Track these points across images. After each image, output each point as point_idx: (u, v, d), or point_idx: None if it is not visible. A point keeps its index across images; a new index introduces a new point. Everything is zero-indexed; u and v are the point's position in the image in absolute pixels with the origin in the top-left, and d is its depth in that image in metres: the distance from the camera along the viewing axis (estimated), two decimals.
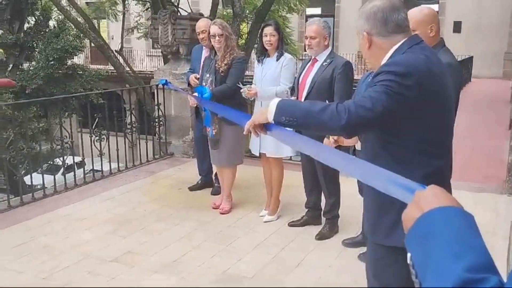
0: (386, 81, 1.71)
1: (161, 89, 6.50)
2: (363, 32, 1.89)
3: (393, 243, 1.82)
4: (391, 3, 1.87)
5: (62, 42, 16.26)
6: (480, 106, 11.60)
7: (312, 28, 3.82)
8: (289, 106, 1.83)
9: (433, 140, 1.82)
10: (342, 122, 1.70)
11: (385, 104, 1.69)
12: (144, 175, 5.92)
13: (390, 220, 1.83)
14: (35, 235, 4.10)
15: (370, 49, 1.89)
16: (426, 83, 1.73)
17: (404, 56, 1.79)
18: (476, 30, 18.99)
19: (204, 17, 5.69)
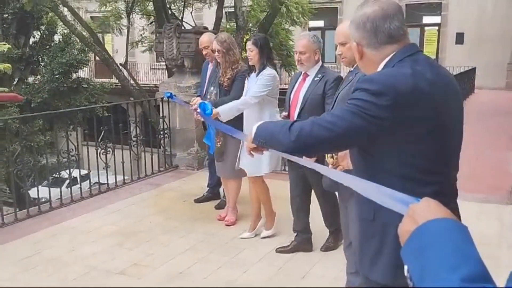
0: (358, 100, 1.56)
1: (166, 102, 6.55)
2: (353, 42, 1.74)
3: (374, 277, 1.72)
4: (383, 10, 1.65)
5: (67, 56, 16.46)
6: (483, 117, 11.58)
7: (302, 43, 3.68)
8: (262, 128, 1.82)
9: (423, 167, 1.61)
10: (291, 139, 1.63)
11: (350, 125, 1.55)
12: (149, 188, 5.95)
13: (372, 251, 1.72)
14: (41, 248, 4.12)
15: (362, 60, 1.74)
16: (407, 103, 1.53)
17: (384, 71, 1.63)
18: (479, 41, 19.03)
19: (208, 31, 5.75)
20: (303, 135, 1.62)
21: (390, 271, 1.64)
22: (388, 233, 1.62)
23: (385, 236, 1.64)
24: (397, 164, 1.60)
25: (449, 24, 19.88)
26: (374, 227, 1.69)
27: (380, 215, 1.65)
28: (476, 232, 4.30)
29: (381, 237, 1.67)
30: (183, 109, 6.66)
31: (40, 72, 17.81)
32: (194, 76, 6.74)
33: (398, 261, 1.66)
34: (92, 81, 18.22)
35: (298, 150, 1.70)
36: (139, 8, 15.58)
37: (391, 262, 1.63)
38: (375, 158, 1.64)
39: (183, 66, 6.70)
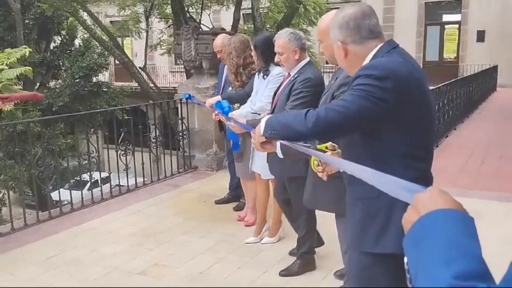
0: (363, 85, 1.70)
1: (185, 103, 6.57)
2: (338, 42, 1.89)
3: (382, 249, 1.80)
4: (362, 10, 1.87)
5: (88, 60, 16.67)
6: (506, 115, 11.39)
7: (278, 42, 3.45)
8: (273, 120, 1.89)
9: (418, 144, 1.80)
10: (309, 126, 1.71)
11: (360, 108, 1.68)
12: (168, 189, 5.97)
13: (378, 227, 1.81)
14: (63, 248, 4.16)
15: (347, 58, 1.89)
16: (406, 87, 1.72)
17: (381, 59, 1.79)
18: (501, 39, 18.70)
19: (224, 32, 5.73)
20: (320, 120, 1.71)
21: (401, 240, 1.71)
22: (394, 207, 1.72)
23: (392, 211, 1.76)
24: (399, 143, 1.76)
25: (470, 22, 19.58)
26: (379, 204, 1.80)
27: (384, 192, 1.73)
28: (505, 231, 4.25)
29: (387, 212, 1.79)
30: (202, 110, 6.68)
31: (61, 76, 18.09)
32: (212, 77, 6.74)
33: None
34: (112, 85, 18.43)
35: (317, 135, 1.82)
36: (157, 12, 15.70)
37: (401, 232, 1.70)
38: (378, 141, 1.77)
39: (201, 67, 6.72)
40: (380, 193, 1.77)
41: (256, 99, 4.04)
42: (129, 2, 15.74)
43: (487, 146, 7.95)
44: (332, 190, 2.51)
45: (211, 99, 4.59)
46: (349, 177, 1.95)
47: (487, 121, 10.64)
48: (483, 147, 7.84)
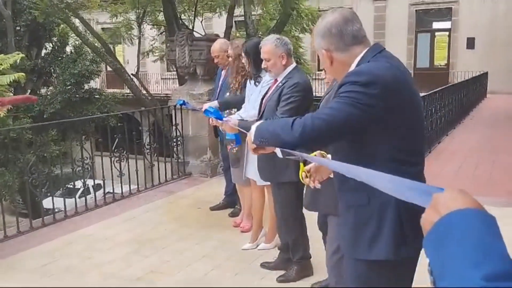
0: (348, 92, 1.68)
1: (179, 110, 6.55)
2: (322, 50, 1.86)
3: (375, 256, 1.79)
4: (343, 16, 1.84)
5: (79, 67, 16.61)
6: (498, 121, 11.49)
7: (264, 48, 3.44)
8: (262, 127, 1.86)
9: (408, 148, 1.79)
10: (296, 135, 1.69)
11: (347, 115, 1.67)
12: (163, 195, 5.93)
13: (370, 233, 1.80)
14: (58, 256, 4.11)
15: (332, 65, 1.87)
16: (393, 91, 1.71)
17: (366, 65, 1.76)
18: (491, 45, 18.91)
19: (219, 38, 5.73)
20: (306, 130, 1.69)
21: (393, 246, 1.76)
22: (385, 214, 1.76)
23: (383, 217, 1.77)
24: (389, 149, 1.75)
25: (460, 29, 19.78)
26: (369, 211, 1.80)
27: (375, 198, 1.77)
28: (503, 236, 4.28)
29: (378, 219, 1.78)
30: (196, 117, 6.66)
31: (52, 83, 18.00)
32: (206, 83, 6.74)
33: (399, 238, 1.76)
34: (104, 92, 18.36)
35: (303, 144, 1.77)
36: (149, 19, 15.69)
37: (393, 239, 1.76)
38: (368, 147, 1.75)
39: (195, 74, 6.70)
40: (370, 200, 1.81)
41: (249, 106, 4.03)
42: (121, 9, 15.72)
43: (479, 152, 8.00)
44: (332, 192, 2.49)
45: (206, 104, 4.58)
46: (338, 184, 1.96)
47: (479, 127, 10.72)
48: (476, 153, 7.89)
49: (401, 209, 1.76)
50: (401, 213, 1.77)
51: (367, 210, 1.80)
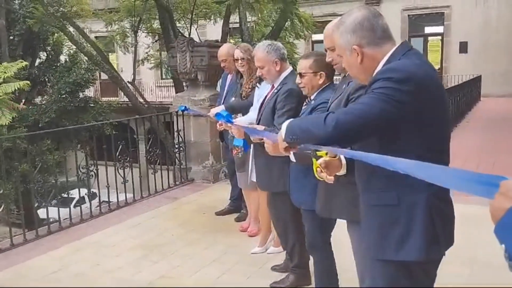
0: (383, 88, 1.67)
1: (180, 116, 6.55)
2: (353, 47, 1.81)
3: (404, 257, 1.76)
4: (371, 11, 1.83)
5: (74, 75, 16.56)
6: (494, 123, 11.58)
7: (256, 56, 3.41)
8: (293, 125, 1.83)
9: (437, 148, 1.78)
10: (329, 129, 1.67)
11: (381, 111, 1.66)
12: (167, 201, 5.92)
13: (398, 234, 1.77)
14: (66, 263, 4.08)
15: (363, 63, 1.82)
16: (425, 89, 1.70)
17: (400, 62, 1.75)
18: (483, 49, 19.10)
19: (226, 43, 5.75)
20: (340, 125, 1.67)
21: (425, 247, 1.74)
22: (415, 214, 1.74)
23: (413, 217, 1.75)
24: (418, 147, 1.71)
25: (452, 34, 19.97)
26: (398, 211, 1.77)
27: (405, 198, 1.75)
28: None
29: (408, 218, 1.76)
30: (198, 122, 6.67)
31: (47, 92, 17.93)
32: (207, 89, 6.75)
33: (430, 238, 1.75)
34: (99, 100, 18.32)
35: (336, 139, 1.72)
36: (145, 26, 15.70)
37: (424, 239, 1.74)
38: (397, 144, 1.72)
39: (196, 80, 6.71)
40: (400, 200, 1.78)
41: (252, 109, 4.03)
42: (116, 18, 15.73)
43: (479, 153, 8.06)
44: (346, 197, 2.46)
45: (214, 109, 4.59)
46: (363, 184, 1.92)
47: (476, 130, 10.79)
48: (476, 155, 7.94)
49: (432, 209, 1.75)
50: (433, 212, 1.75)
51: (396, 210, 1.77)
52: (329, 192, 2.57)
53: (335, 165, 2.04)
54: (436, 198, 1.79)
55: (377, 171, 1.77)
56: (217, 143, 6.65)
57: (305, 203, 2.99)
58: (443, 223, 1.81)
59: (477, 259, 3.79)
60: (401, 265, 1.79)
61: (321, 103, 2.76)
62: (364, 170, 1.87)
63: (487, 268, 3.67)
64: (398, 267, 1.80)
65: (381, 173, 1.76)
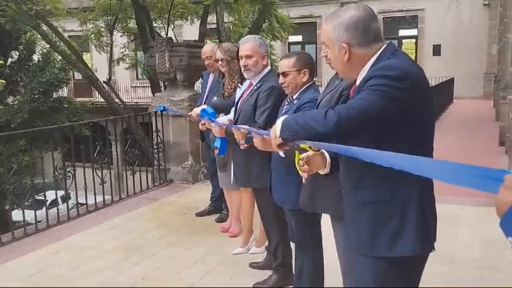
0: (381, 85, 1.69)
1: (160, 116, 6.50)
2: (343, 44, 1.82)
3: (398, 253, 1.77)
4: (368, 12, 1.83)
5: (48, 75, 16.22)
6: (467, 124, 11.83)
7: (247, 46, 3.35)
8: (290, 121, 1.81)
9: (424, 143, 1.81)
10: (331, 125, 1.67)
11: (380, 108, 1.68)
12: (145, 202, 5.85)
13: (391, 229, 1.78)
14: (44, 265, 4.00)
15: (349, 60, 1.84)
16: (418, 87, 1.74)
17: (395, 60, 1.77)
18: (456, 52, 19.50)
19: (209, 42, 5.72)
20: (342, 120, 1.67)
21: (418, 242, 1.77)
22: (408, 210, 1.76)
23: (406, 213, 1.76)
24: (409, 143, 1.72)
25: (426, 36, 20.33)
26: (391, 207, 1.79)
27: (397, 194, 1.77)
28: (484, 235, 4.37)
29: (401, 215, 1.77)
30: (177, 123, 6.62)
31: (20, 92, 17.52)
32: (186, 89, 6.71)
33: (423, 233, 1.77)
34: (73, 100, 17.99)
35: (338, 135, 1.73)
36: (120, 26, 15.51)
37: (417, 234, 1.77)
38: (388, 143, 1.69)
39: (175, 80, 6.66)
40: (393, 196, 1.79)
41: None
42: (91, 17, 15.50)
43: (454, 153, 8.20)
44: (332, 191, 2.46)
45: (196, 108, 4.56)
46: (353, 181, 1.91)
47: (450, 131, 10.99)
48: (451, 154, 8.08)
49: (424, 205, 1.78)
50: (424, 209, 1.78)
51: (388, 206, 1.78)
52: (314, 187, 2.56)
53: (317, 161, 2.02)
54: (427, 194, 1.82)
55: (370, 168, 1.77)
56: (196, 143, 6.62)
57: (288, 202, 3.00)
58: (433, 219, 1.85)
59: (454, 259, 3.84)
60: (393, 262, 1.80)
61: (307, 102, 2.77)
62: (356, 167, 1.86)
63: (464, 267, 3.74)
64: (389, 264, 1.81)
65: (374, 170, 1.76)
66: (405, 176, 1.76)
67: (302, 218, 2.98)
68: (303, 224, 3.01)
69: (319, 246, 3.09)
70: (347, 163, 1.94)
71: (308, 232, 3.04)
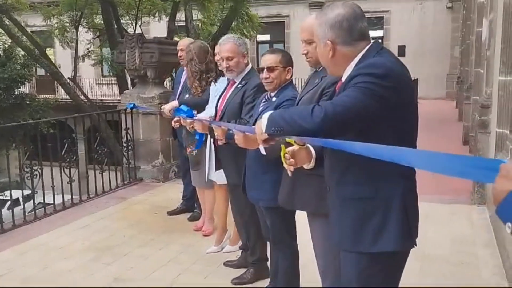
0: (365, 83, 1.71)
1: (129, 114, 6.39)
2: (326, 41, 1.85)
3: (381, 248, 1.80)
4: (354, 11, 1.84)
5: (9, 71, 15.74)
6: (432, 124, 12.08)
7: (226, 47, 3.36)
8: (275, 116, 1.81)
9: (409, 144, 1.81)
10: (317, 121, 1.68)
11: (365, 105, 1.69)
12: (115, 201, 5.75)
13: (375, 225, 1.81)
14: (12, 266, 3.87)
15: (334, 57, 1.86)
16: (403, 85, 1.77)
17: (380, 59, 1.79)
18: (420, 53, 19.92)
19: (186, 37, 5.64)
20: (328, 116, 1.68)
21: (401, 237, 1.81)
22: (392, 206, 1.79)
23: (389, 209, 1.79)
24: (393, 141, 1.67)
25: (392, 38, 20.68)
26: (375, 203, 1.81)
27: (381, 191, 1.80)
28: (452, 232, 4.48)
29: (385, 210, 1.80)
30: (147, 120, 6.53)
31: None
32: (157, 86, 6.62)
33: (405, 228, 1.81)
34: (36, 97, 17.51)
35: (324, 131, 1.72)
36: (86, 21, 15.17)
37: (401, 230, 1.81)
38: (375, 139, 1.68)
39: (146, 77, 6.56)
40: (378, 192, 1.81)
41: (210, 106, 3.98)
42: (55, 12, 15.11)
43: None
44: (312, 189, 2.46)
45: (167, 105, 4.50)
46: (337, 177, 1.92)
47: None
48: None
49: (406, 202, 1.81)
50: (407, 206, 1.81)
51: (373, 202, 1.81)
52: (294, 184, 2.56)
53: (302, 155, 2.03)
54: (410, 191, 1.85)
55: (354, 165, 1.81)
56: (167, 141, 6.55)
57: (263, 200, 2.99)
58: (415, 216, 1.89)
59: (425, 255, 3.92)
60: (376, 257, 1.83)
61: (286, 100, 2.77)
62: (340, 163, 1.88)
63: (434, 263, 3.82)
64: (372, 259, 1.84)
65: (358, 167, 1.80)
66: (389, 173, 1.80)
67: (277, 216, 2.98)
68: (279, 222, 3.02)
69: (294, 243, 3.10)
70: (331, 159, 1.95)
71: (284, 230, 3.05)
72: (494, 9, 5.27)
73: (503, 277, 3.53)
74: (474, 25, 9.31)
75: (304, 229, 2.74)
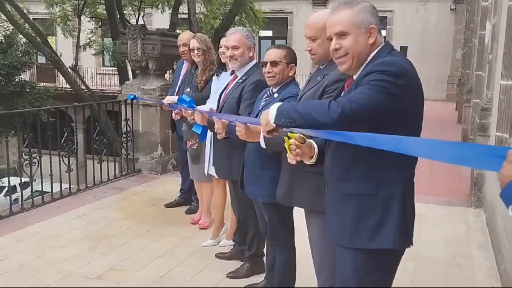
0: (380, 81, 1.73)
1: (129, 105, 6.39)
2: (372, 26, 1.86)
3: (379, 245, 1.82)
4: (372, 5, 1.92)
5: (10, 58, 15.71)
6: (431, 126, 12.09)
7: (234, 37, 3.36)
8: (287, 108, 1.81)
9: None
10: (334, 116, 1.69)
11: (379, 102, 1.72)
12: (113, 192, 5.76)
13: (374, 222, 1.82)
14: (7, 253, 3.88)
15: (374, 44, 1.87)
16: (415, 85, 1.80)
17: (393, 58, 1.83)
18: (422, 55, 19.88)
19: (186, 31, 5.65)
20: (346, 112, 1.69)
21: (399, 235, 1.83)
22: (392, 204, 1.81)
23: (389, 207, 1.81)
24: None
25: (394, 38, 20.63)
26: (375, 202, 1.83)
27: (382, 189, 1.81)
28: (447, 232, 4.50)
29: (385, 208, 1.82)
30: (147, 112, 6.54)
31: None
32: (158, 78, 6.63)
33: (403, 226, 1.83)
34: (36, 85, 17.47)
35: (340, 127, 1.71)
36: (89, 11, 15.14)
37: (399, 228, 1.83)
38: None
39: (147, 68, 6.56)
40: (378, 190, 1.82)
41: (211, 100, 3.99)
42: (58, 0, 15.07)
43: None
44: (309, 186, 2.46)
45: (169, 97, 4.49)
46: (339, 173, 1.93)
47: None
48: None
49: (406, 201, 1.83)
50: (406, 204, 1.83)
51: (373, 199, 1.82)
52: (292, 181, 2.56)
53: (305, 150, 2.02)
54: (409, 190, 1.87)
55: (359, 161, 1.83)
56: (166, 133, 6.56)
57: (261, 195, 3.00)
58: (412, 215, 1.91)
59: (419, 255, 3.94)
60: (373, 254, 1.84)
61: (289, 97, 2.77)
62: (343, 159, 1.89)
63: (429, 264, 3.84)
64: (369, 256, 1.85)
65: (363, 163, 1.82)
66: (390, 171, 1.82)
67: (275, 212, 2.99)
68: (276, 218, 3.03)
69: (292, 240, 3.11)
70: (335, 154, 1.95)
71: (281, 226, 3.05)
72: (497, 13, 5.27)
73: (497, 279, 3.55)
74: (477, 28, 9.30)
75: (301, 225, 2.75)
